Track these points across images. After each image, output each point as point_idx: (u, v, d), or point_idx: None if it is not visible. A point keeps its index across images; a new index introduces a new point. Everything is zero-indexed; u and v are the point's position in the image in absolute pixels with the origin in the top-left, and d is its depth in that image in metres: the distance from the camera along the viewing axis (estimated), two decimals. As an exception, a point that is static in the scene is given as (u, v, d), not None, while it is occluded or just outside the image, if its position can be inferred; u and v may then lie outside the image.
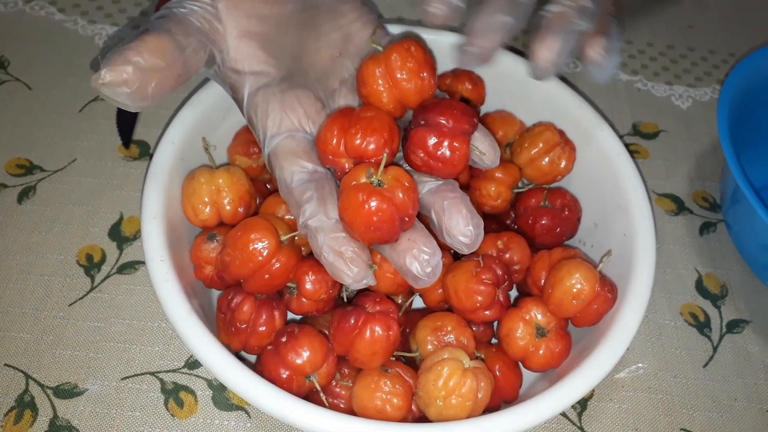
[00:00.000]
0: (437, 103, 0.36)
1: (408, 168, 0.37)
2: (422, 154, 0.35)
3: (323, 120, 0.38)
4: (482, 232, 0.35)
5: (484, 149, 0.37)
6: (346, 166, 0.36)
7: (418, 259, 0.34)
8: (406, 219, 0.34)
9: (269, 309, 0.37)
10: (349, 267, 0.34)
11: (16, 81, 0.54)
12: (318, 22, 0.40)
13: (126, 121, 0.52)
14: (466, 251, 0.35)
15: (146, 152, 0.51)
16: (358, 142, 0.35)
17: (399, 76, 0.36)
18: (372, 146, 0.35)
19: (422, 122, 0.35)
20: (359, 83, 0.38)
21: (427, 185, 0.36)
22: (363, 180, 0.34)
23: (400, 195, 0.33)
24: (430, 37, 0.47)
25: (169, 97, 0.35)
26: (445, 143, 0.35)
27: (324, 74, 0.40)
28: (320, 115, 0.38)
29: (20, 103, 0.53)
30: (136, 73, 0.33)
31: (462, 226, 0.34)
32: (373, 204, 0.32)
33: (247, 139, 0.43)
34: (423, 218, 0.37)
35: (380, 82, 0.36)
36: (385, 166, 0.34)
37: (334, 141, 0.35)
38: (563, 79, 0.46)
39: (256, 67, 0.38)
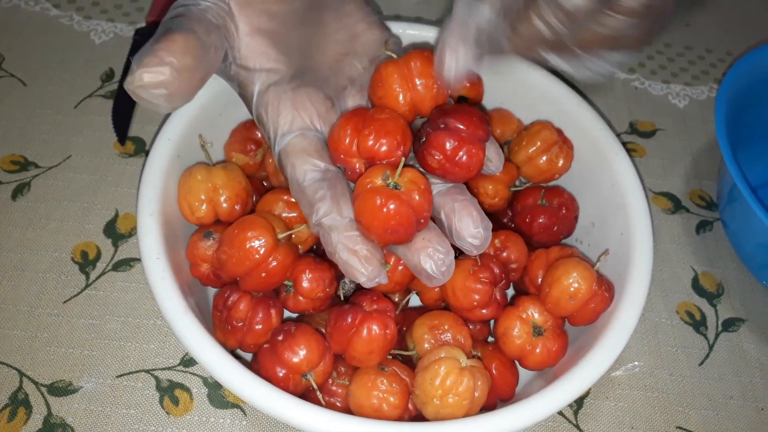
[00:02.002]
0: (457, 108, 0.36)
1: (419, 170, 0.37)
2: (439, 157, 0.35)
3: (333, 119, 0.38)
4: (490, 235, 0.35)
5: (490, 156, 0.37)
6: (358, 166, 0.36)
7: (433, 258, 0.34)
8: (422, 220, 0.34)
9: (266, 307, 0.37)
10: (364, 265, 0.34)
11: (10, 77, 0.54)
12: (324, 20, 0.40)
13: (121, 118, 0.51)
14: (474, 253, 0.35)
15: (142, 149, 0.51)
16: (371, 143, 0.35)
17: (418, 81, 0.36)
18: (384, 148, 0.35)
19: (442, 126, 0.35)
20: (375, 83, 0.38)
21: (437, 187, 0.36)
22: (379, 182, 0.34)
23: (417, 197, 0.33)
24: (430, 34, 0.47)
25: (192, 98, 0.35)
26: (464, 148, 0.35)
27: (332, 73, 0.40)
28: (330, 113, 0.38)
29: (15, 99, 0.52)
30: (173, 73, 0.32)
31: (472, 228, 0.35)
32: (392, 207, 0.33)
33: (244, 136, 0.43)
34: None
35: (398, 83, 0.37)
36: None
37: (347, 141, 0.35)
38: (561, 77, 0.45)
39: (266, 65, 0.38)
